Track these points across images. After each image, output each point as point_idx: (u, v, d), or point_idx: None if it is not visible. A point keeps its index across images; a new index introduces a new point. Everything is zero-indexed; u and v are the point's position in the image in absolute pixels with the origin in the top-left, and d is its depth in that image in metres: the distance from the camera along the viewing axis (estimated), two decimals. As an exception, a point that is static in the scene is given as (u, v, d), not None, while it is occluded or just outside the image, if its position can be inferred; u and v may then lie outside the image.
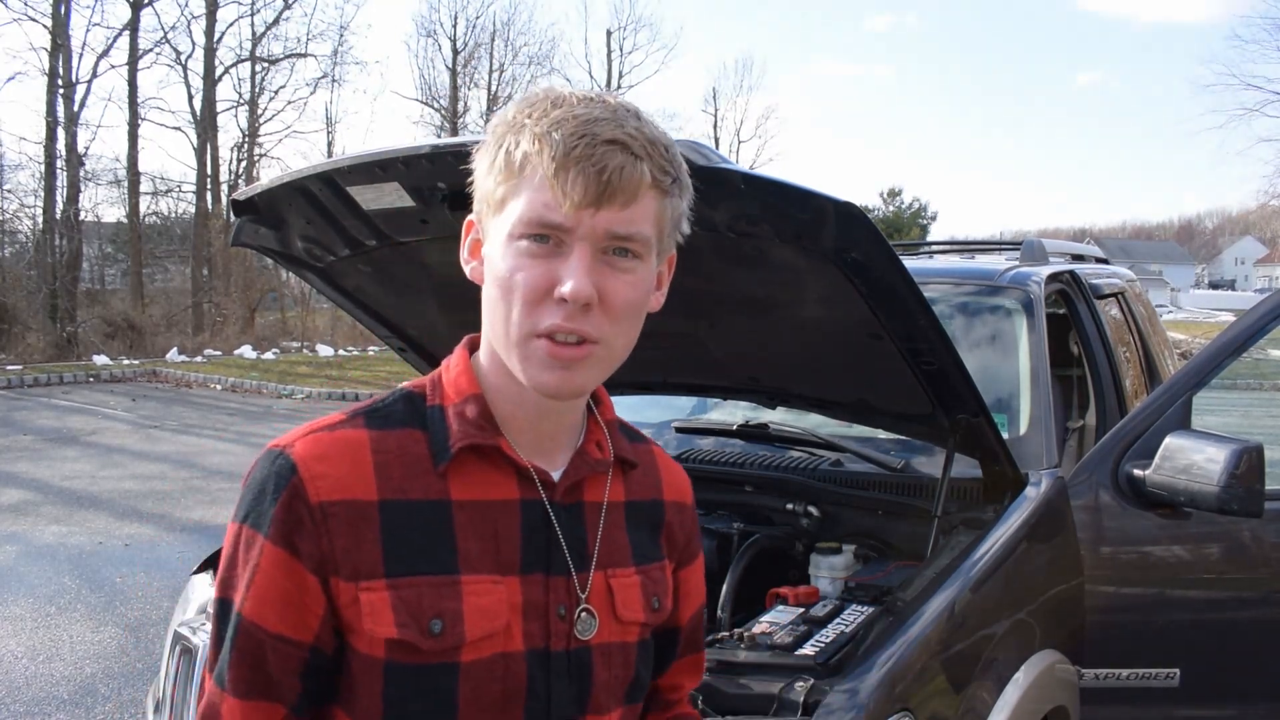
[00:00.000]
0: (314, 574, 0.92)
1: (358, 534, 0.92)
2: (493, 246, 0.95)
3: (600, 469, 1.05)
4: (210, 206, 23.07)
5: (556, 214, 0.90)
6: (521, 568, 0.97)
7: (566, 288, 0.90)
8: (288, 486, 0.92)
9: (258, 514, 0.93)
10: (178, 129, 23.66)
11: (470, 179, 0.99)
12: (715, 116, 37.55)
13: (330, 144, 26.35)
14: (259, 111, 24.73)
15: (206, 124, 23.11)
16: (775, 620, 1.91)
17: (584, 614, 1.00)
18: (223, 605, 0.95)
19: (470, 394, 0.99)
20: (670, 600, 1.11)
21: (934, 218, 42.73)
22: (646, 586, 1.07)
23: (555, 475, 1.01)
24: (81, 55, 20.81)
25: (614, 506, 1.06)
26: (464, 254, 1.02)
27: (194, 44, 23.16)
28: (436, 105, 29.22)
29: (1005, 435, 2.37)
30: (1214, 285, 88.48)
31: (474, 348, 1.05)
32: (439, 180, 1.78)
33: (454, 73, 29.19)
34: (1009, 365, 2.73)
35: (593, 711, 1.01)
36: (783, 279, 1.87)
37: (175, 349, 18.63)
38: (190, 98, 23.40)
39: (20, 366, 15.92)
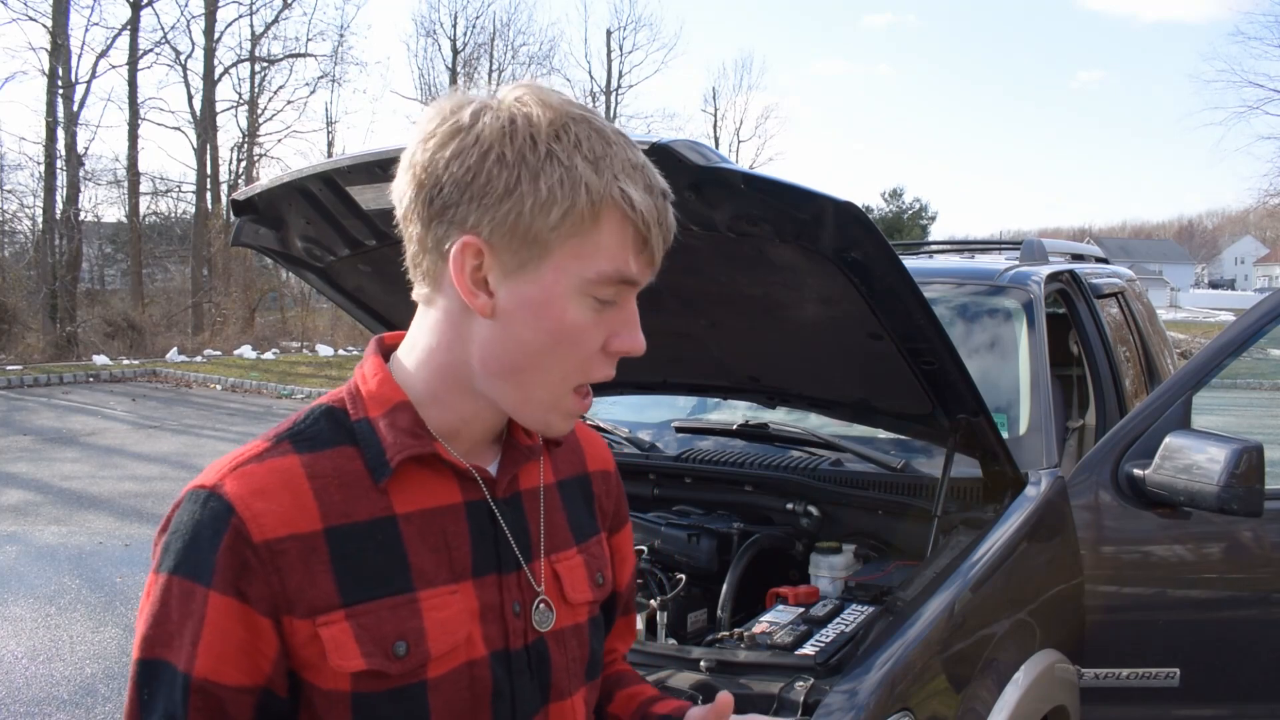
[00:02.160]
0: (267, 616, 0.86)
1: (308, 568, 0.87)
2: (539, 290, 0.88)
3: (533, 455, 1.03)
4: (210, 206, 23.07)
5: (631, 270, 0.90)
6: (474, 571, 0.95)
7: (636, 343, 0.92)
8: (228, 529, 0.85)
9: (194, 564, 0.85)
10: (177, 129, 23.75)
11: (450, 196, 0.87)
12: (715, 116, 37.65)
13: (330, 144, 26.40)
14: (259, 111, 24.75)
15: (206, 124, 23.11)
16: (775, 620, 1.91)
17: (541, 605, 1.00)
18: (153, 667, 0.86)
19: (397, 402, 0.95)
20: (611, 571, 1.12)
21: (934, 218, 42.79)
22: (590, 564, 1.07)
23: (492, 470, 0.99)
24: (81, 55, 20.87)
25: (548, 489, 1.06)
26: (466, 283, 0.88)
27: (194, 44, 23.21)
28: (436, 105, 29.17)
29: (1005, 435, 2.37)
30: (1214, 285, 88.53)
31: (385, 351, 1.00)
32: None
33: (454, 73, 29.21)
34: (1009, 365, 2.73)
35: (555, 698, 1.01)
36: (783, 279, 1.86)
37: (175, 349, 18.62)
38: (190, 98, 23.46)
39: (20, 366, 15.91)
